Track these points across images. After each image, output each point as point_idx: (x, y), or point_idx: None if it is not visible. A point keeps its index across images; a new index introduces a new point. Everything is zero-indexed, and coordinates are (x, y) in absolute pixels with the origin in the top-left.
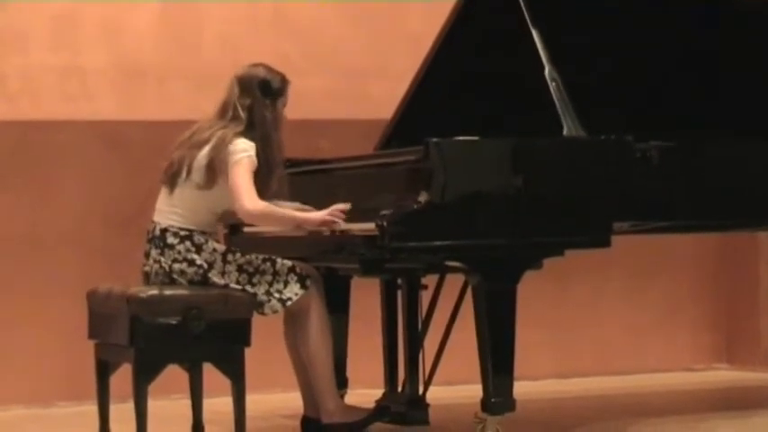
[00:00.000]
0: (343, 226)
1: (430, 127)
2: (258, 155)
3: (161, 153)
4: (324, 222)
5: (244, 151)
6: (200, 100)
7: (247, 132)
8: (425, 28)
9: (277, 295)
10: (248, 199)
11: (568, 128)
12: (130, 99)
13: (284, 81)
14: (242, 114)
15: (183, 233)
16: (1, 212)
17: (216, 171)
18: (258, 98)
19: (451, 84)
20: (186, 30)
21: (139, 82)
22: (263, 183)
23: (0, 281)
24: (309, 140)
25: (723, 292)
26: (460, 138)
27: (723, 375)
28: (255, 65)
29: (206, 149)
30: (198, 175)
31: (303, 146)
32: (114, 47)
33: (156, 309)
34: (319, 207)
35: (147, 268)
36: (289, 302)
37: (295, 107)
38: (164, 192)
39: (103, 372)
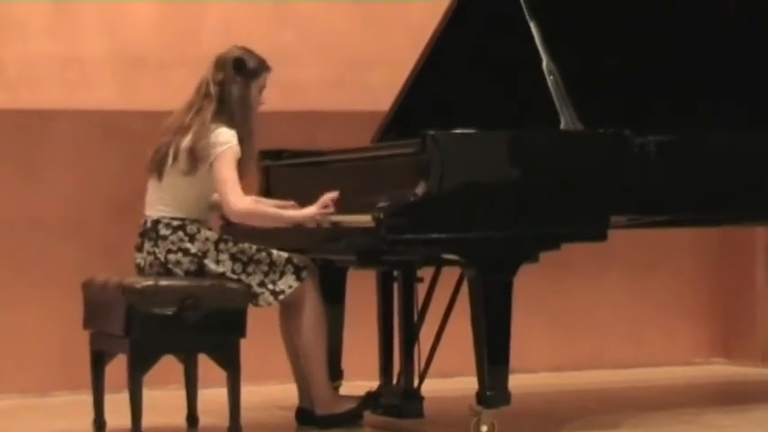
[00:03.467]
0: (335, 218)
1: (427, 119)
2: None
3: None
4: (313, 216)
5: (226, 143)
6: None
7: (220, 112)
8: (426, 18)
9: (271, 287)
10: (234, 197)
11: (566, 121)
12: (130, 88)
13: (262, 64)
14: (212, 91)
15: (175, 223)
16: None
17: (197, 158)
18: (230, 75)
19: (449, 75)
20: (186, 18)
21: (139, 70)
22: (242, 167)
23: None
24: (308, 132)
25: (721, 286)
26: (458, 130)
27: (721, 369)
28: (237, 46)
29: (189, 136)
30: (183, 160)
31: (301, 137)
32: (114, 35)
33: (152, 299)
34: (315, 199)
35: (140, 261)
36: (281, 296)
37: (294, 98)
38: (152, 183)
39: (98, 362)
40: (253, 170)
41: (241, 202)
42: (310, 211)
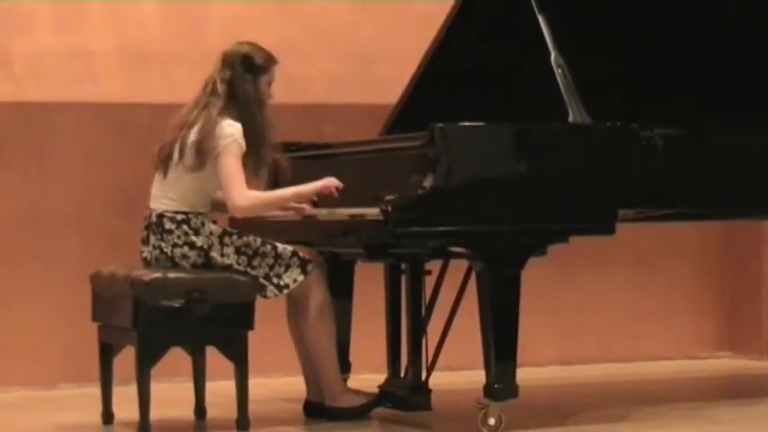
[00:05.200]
0: (338, 211)
1: (435, 112)
2: (244, 133)
3: None
4: (319, 191)
5: (230, 136)
6: None
7: (229, 108)
8: (432, 11)
9: (275, 280)
10: (237, 194)
11: (574, 114)
12: (135, 82)
13: (269, 59)
14: (220, 88)
15: (179, 217)
16: (5, 194)
17: (204, 154)
18: (238, 72)
19: (457, 69)
20: (192, 13)
21: (145, 65)
22: (253, 160)
23: (4, 262)
24: (315, 125)
25: (727, 280)
26: (465, 123)
27: (726, 363)
28: (243, 42)
29: (195, 130)
30: (189, 156)
31: (308, 130)
32: (120, 29)
33: (160, 292)
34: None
35: (146, 255)
36: (286, 290)
37: (301, 92)
38: (157, 177)
39: (106, 354)
40: (283, 164)
41: (243, 199)
42: (314, 185)
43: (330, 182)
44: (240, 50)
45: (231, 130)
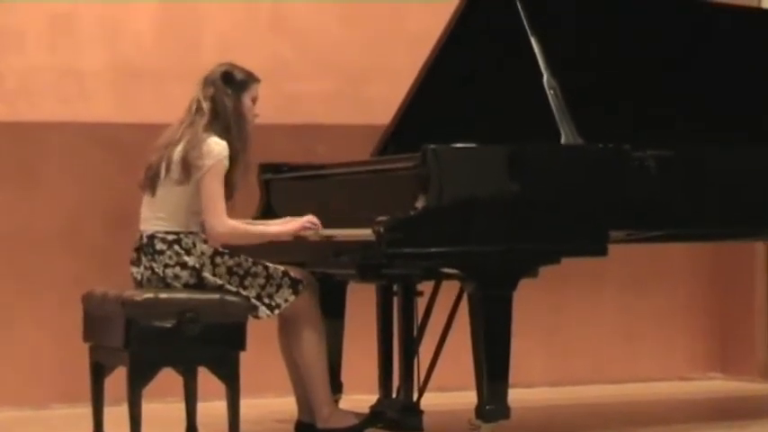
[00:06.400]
0: (332, 232)
1: (427, 133)
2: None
3: None
4: (297, 232)
5: (217, 156)
6: None
7: (213, 124)
8: (425, 29)
9: (267, 300)
10: (218, 220)
11: (566, 135)
12: (128, 101)
13: (250, 76)
14: (204, 106)
15: (170, 237)
16: None
17: (189, 168)
18: (220, 88)
19: (449, 89)
20: (185, 31)
21: (137, 84)
22: (233, 177)
23: None
24: (307, 145)
25: (719, 301)
26: (457, 144)
27: (718, 385)
28: (221, 63)
29: (180, 148)
30: (176, 170)
31: (301, 150)
32: (112, 48)
33: (152, 312)
34: (312, 213)
35: (137, 276)
36: (277, 310)
37: (293, 111)
38: (146, 199)
39: (98, 374)
40: (250, 182)
41: (222, 226)
42: (294, 225)
43: (309, 221)
44: (220, 68)
45: (218, 148)
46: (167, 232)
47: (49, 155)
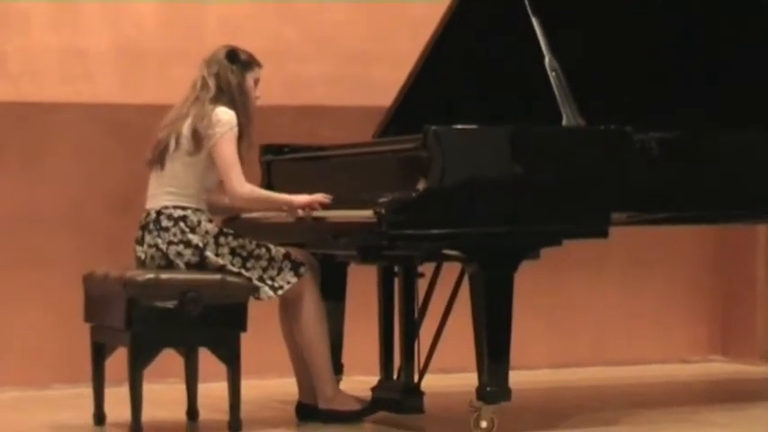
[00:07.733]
0: (333, 213)
1: (429, 114)
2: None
3: None
4: (306, 204)
5: (227, 123)
6: None
7: (219, 97)
8: (427, 13)
9: (269, 282)
10: (238, 183)
11: (567, 117)
12: (131, 82)
13: (253, 57)
14: (209, 82)
15: (177, 213)
16: None
17: (200, 139)
18: (225, 65)
19: (451, 71)
20: (188, 13)
21: (140, 65)
22: (243, 147)
23: None
24: (311, 127)
25: (720, 284)
26: (459, 126)
27: (718, 367)
28: (223, 45)
29: (188, 121)
30: (186, 143)
31: (305, 132)
32: (116, 29)
33: (153, 292)
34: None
35: (141, 254)
36: (280, 291)
37: (296, 93)
38: (154, 174)
39: (99, 355)
40: (252, 160)
41: (242, 187)
42: (305, 196)
43: (318, 198)
44: (223, 48)
45: (227, 117)
46: (176, 207)
47: (52, 135)
